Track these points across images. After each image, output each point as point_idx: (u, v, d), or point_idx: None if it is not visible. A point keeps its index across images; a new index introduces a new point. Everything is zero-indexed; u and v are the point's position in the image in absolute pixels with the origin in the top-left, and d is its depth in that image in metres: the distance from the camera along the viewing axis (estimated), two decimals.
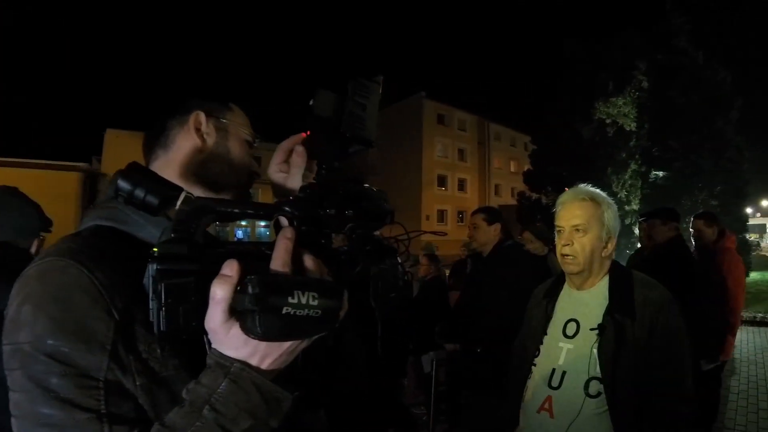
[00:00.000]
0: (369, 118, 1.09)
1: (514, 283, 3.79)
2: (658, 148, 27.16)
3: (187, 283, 0.84)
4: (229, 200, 1.18)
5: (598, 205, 2.52)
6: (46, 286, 0.97)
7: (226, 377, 0.88)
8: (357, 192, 1.12)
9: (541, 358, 2.58)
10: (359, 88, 1.08)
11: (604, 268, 2.56)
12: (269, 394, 0.90)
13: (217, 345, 0.89)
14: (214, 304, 0.85)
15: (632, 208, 26.12)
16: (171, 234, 0.86)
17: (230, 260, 0.86)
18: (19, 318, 0.96)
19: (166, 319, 0.81)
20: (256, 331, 0.82)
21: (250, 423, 0.88)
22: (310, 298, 0.84)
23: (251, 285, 0.81)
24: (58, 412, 0.91)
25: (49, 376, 0.92)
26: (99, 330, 0.96)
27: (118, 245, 1.05)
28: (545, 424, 2.40)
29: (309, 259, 0.95)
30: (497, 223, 4.48)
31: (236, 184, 1.35)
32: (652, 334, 2.31)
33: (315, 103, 1.05)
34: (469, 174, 57.28)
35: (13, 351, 0.96)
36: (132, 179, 0.91)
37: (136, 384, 0.98)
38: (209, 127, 1.32)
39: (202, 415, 0.86)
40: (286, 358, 0.93)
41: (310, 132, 1.12)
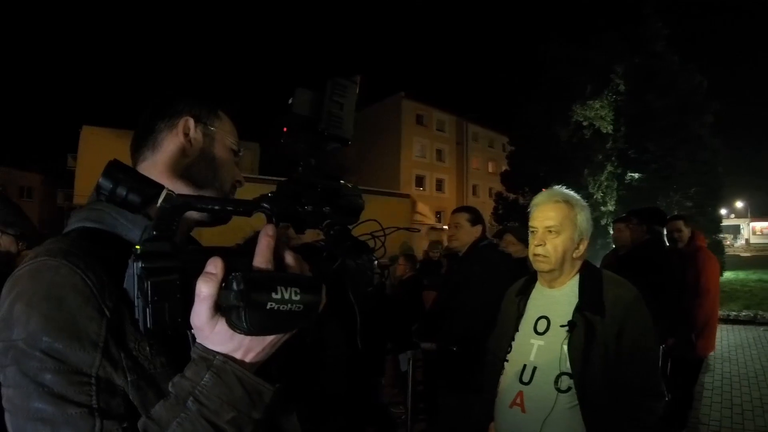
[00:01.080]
0: (346, 116, 1.13)
1: (490, 283, 3.83)
2: (634, 150, 27.41)
3: (172, 280, 0.86)
4: (208, 197, 1.20)
5: (572, 207, 2.57)
6: (39, 284, 0.99)
7: (209, 370, 0.90)
8: (334, 189, 1.15)
9: (513, 354, 2.63)
10: (337, 87, 1.11)
11: (575, 268, 2.62)
12: (251, 387, 0.92)
13: (202, 340, 0.91)
14: (200, 301, 0.87)
15: (608, 209, 26.36)
16: (153, 232, 0.88)
17: (214, 258, 0.89)
18: (12, 316, 0.98)
19: (153, 316, 0.84)
20: (242, 327, 0.84)
21: (233, 415, 0.90)
22: (293, 294, 0.87)
23: (236, 282, 0.84)
24: (51, 407, 0.93)
25: (43, 372, 0.94)
26: (91, 328, 0.97)
27: (106, 246, 1.06)
28: (517, 418, 2.45)
29: (289, 255, 0.98)
30: (480, 225, 4.51)
31: (220, 190, 1.36)
32: (621, 331, 2.37)
33: (294, 102, 1.08)
34: (447, 174, 57.25)
35: (5, 348, 0.97)
36: (113, 177, 0.92)
37: (127, 380, 1.00)
38: (197, 132, 1.33)
39: (186, 407, 0.89)
40: (269, 351, 0.96)
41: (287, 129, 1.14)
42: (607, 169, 27.18)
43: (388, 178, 49.58)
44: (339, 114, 1.11)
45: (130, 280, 0.86)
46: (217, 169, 1.36)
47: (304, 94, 1.09)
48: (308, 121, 1.10)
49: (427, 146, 54.95)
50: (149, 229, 0.89)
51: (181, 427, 0.88)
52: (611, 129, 27.33)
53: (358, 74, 1.13)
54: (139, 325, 0.85)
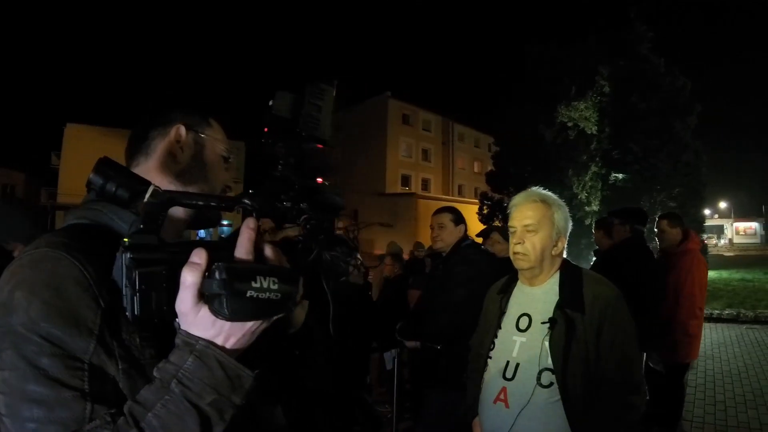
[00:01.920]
0: (323, 118, 1.18)
1: (473, 281, 3.86)
2: (619, 151, 27.59)
3: (158, 271, 0.92)
4: (193, 193, 1.25)
5: (549, 207, 2.64)
6: (40, 273, 1.04)
7: (192, 354, 0.95)
8: (311, 187, 1.20)
9: (495, 351, 2.67)
10: (315, 90, 1.15)
11: (554, 266, 2.68)
12: (232, 371, 0.97)
13: (186, 326, 0.97)
14: (185, 289, 0.93)
15: (592, 209, 26.50)
16: (140, 226, 0.94)
17: (198, 249, 0.95)
18: (12, 302, 1.02)
19: (140, 305, 0.90)
20: (224, 313, 0.90)
21: (214, 397, 0.95)
22: (271, 283, 0.93)
23: (218, 271, 0.90)
24: (46, 389, 0.97)
25: (41, 356, 0.98)
26: (88, 317, 1.03)
27: (100, 242, 1.10)
28: (501, 414, 2.50)
29: (269, 248, 1.04)
30: (463, 224, 4.53)
31: (210, 194, 1.41)
32: (602, 328, 2.43)
33: (274, 104, 1.12)
34: (433, 174, 57.33)
35: (4, 333, 1.01)
36: (104, 173, 0.96)
37: (119, 368, 1.05)
38: (189, 139, 1.39)
39: (170, 389, 0.94)
40: (249, 338, 1.01)
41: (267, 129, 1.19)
42: (592, 170, 27.34)
43: (374, 177, 49.61)
44: (316, 116, 1.16)
45: (119, 271, 0.92)
46: (208, 174, 1.42)
47: (283, 97, 1.13)
48: (287, 122, 1.14)
49: (413, 146, 55.01)
50: (136, 223, 0.95)
51: (165, 408, 0.93)
52: (596, 130, 27.49)
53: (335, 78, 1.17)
54: (127, 312, 0.91)
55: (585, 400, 2.37)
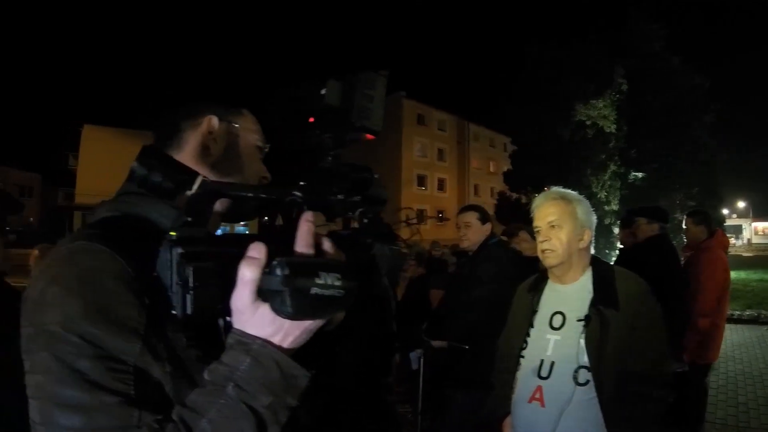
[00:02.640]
0: (376, 109, 1.13)
1: (501, 280, 3.83)
2: (636, 150, 27.45)
3: (211, 266, 0.86)
4: (241, 184, 1.21)
5: (569, 202, 2.65)
6: (76, 268, 0.97)
7: (248, 354, 0.89)
8: (366, 179, 1.15)
9: (528, 350, 2.66)
10: (367, 80, 1.11)
11: (583, 261, 2.67)
12: (288, 371, 0.91)
13: (240, 325, 0.90)
14: (243, 285, 0.87)
15: (611, 209, 26.36)
16: (186, 218, 0.88)
17: (257, 243, 0.88)
18: (45, 299, 0.96)
19: (193, 302, 0.83)
20: (287, 311, 0.84)
21: (271, 399, 0.89)
22: (334, 279, 0.87)
23: (280, 267, 0.83)
24: (85, 394, 0.90)
25: (79, 358, 0.91)
26: (132, 315, 0.96)
27: (139, 235, 1.05)
28: (536, 413, 2.48)
29: (327, 242, 0.97)
30: (489, 222, 4.52)
31: (258, 186, 1.36)
32: (634, 323, 2.42)
33: (326, 93, 1.08)
34: (448, 174, 57.41)
35: (36, 333, 0.95)
36: (147, 163, 0.92)
37: (165, 371, 0.99)
38: (221, 129, 1.33)
39: (225, 392, 0.88)
40: (306, 336, 0.94)
41: (313, 120, 1.15)
42: (611, 169, 27.20)
43: (389, 177, 49.71)
44: (369, 106, 1.12)
45: (165, 266, 0.85)
46: (243, 166, 1.36)
47: (335, 86, 1.09)
48: (337, 112, 1.10)
49: (428, 146, 55.12)
50: (182, 215, 0.88)
51: (220, 413, 0.87)
52: (614, 128, 27.34)
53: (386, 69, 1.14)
54: (177, 311, 0.84)
55: (618, 396, 2.36)
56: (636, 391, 2.37)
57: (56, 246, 1.05)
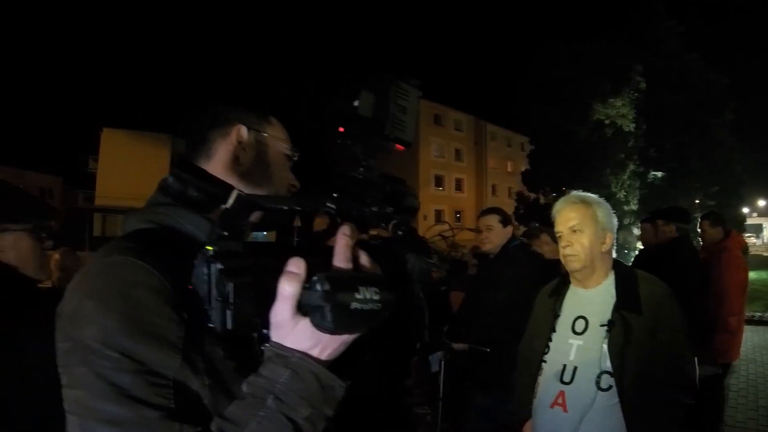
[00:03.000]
0: (408, 120, 1.13)
1: (522, 283, 3.82)
2: (655, 148, 27.25)
3: (249, 281, 0.87)
4: (275, 197, 1.21)
5: (589, 206, 2.64)
6: (114, 283, 0.98)
7: (287, 367, 0.90)
8: (400, 191, 1.16)
9: (551, 354, 2.65)
10: (400, 91, 1.11)
11: (605, 264, 2.65)
12: (326, 382, 0.92)
13: (279, 338, 0.91)
14: (283, 300, 0.87)
15: (631, 209, 26.18)
16: (223, 232, 0.88)
17: (296, 258, 0.89)
18: (82, 314, 0.96)
19: (233, 317, 0.84)
20: (328, 326, 0.84)
21: (310, 411, 0.90)
22: (373, 293, 0.88)
23: (321, 282, 0.84)
24: (126, 409, 0.91)
25: (119, 373, 0.92)
26: (171, 329, 0.97)
27: (173, 248, 1.05)
28: (558, 418, 2.48)
29: (363, 255, 0.98)
30: (510, 225, 4.51)
31: (293, 197, 1.36)
32: (656, 327, 2.43)
33: (360, 104, 1.08)
34: (466, 174, 57.23)
35: (73, 347, 0.96)
36: (182, 177, 0.93)
37: (204, 384, 1.00)
38: (250, 139, 1.33)
39: (265, 405, 0.88)
40: (342, 348, 0.95)
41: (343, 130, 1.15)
42: (629, 168, 27.00)
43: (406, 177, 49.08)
44: (402, 117, 1.12)
45: (201, 280, 0.86)
46: (272, 175, 1.36)
47: (368, 97, 1.09)
48: (369, 123, 1.10)
49: (445, 146, 54.96)
50: (217, 229, 0.89)
51: (261, 425, 0.87)
52: (633, 127, 27.15)
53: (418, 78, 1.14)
54: (216, 326, 0.85)
55: (640, 401, 2.36)
56: (658, 395, 2.37)
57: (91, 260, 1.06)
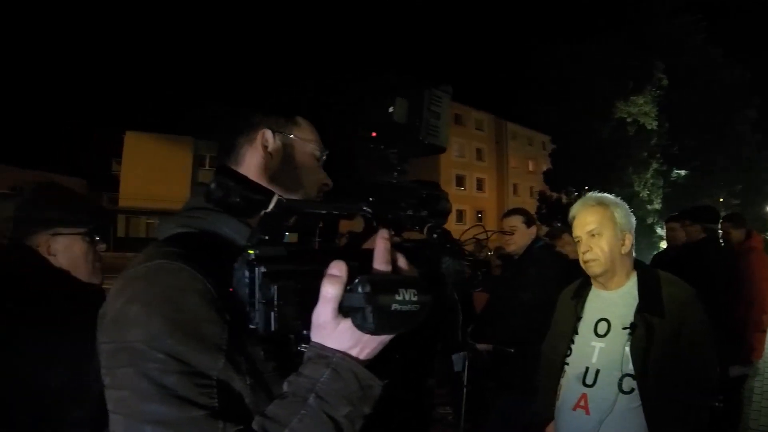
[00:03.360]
0: (442, 125, 1.16)
1: (546, 284, 3.81)
2: (678, 146, 26.96)
3: (292, 284, 0.90)
4: (314, 201, 1.24)
5: (607, 207, 2.62)
6: (157, 286, 1.01)
7: (328, 367, 0.93)
8: (434, 195, 1.18)
9: (573, 357, 2.65)
10: (433, 97, 1.14)
11: (626, 266, 2.64)
12: (365, 382, 0.95)
13: (320, 339, 0.94)
14: (325, 302, 0.91)
15: (654, 208, 25.92)
16: (263, 237, 0.92)
17: (338, 261, 0.92)
18: (127, 317, 0.99)
19: (277, 319, 0.88)
20: (369, 327, 0.88)
21: (349, 409, 0.93)
22: (411, 295, 0.91)
23: (362, 284, 0.88)
24: (173, 409, 0.94)
25: (165, 374, 0.95)
26: (215, 331, 1.00)
27: (212, 252, 1.08)
28: (580, 421, 2.48)
29: (401, 258, 1.01)
30: (534, 226, 4.52)
31: (304, 196, 1.37)
32: (680, 330, 2.42)
33: (395, 111, 1.11)
34: (487, 174, 56.91)
35: (118, 349, 0.99)
36: (224, 184, 0.96)
37: (246, 384, 1.03)
38: (276, 143, 1.34)
39: (307, 403, 0.92)
40: (380, 348, 0.98)
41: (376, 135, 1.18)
42: (652, 167, 26.73)
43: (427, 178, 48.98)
44: (435, 123, 1.14)
45: (242, 283, 0.89)
46: (301, 176, 1.37)
47: (403, 103, 1.12)
48: (405, 129, 1.13)
49: (466, 146, 54.67)
50: (258, 234, 0.92)
51: (302, 423, 0.91)
52: (655, 125, 26.87)
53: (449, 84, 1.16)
54: (260, 328, 0.88)
55: (663, 404, 2.35)
56: (681, 398, 2.36)
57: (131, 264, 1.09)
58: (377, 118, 1.15)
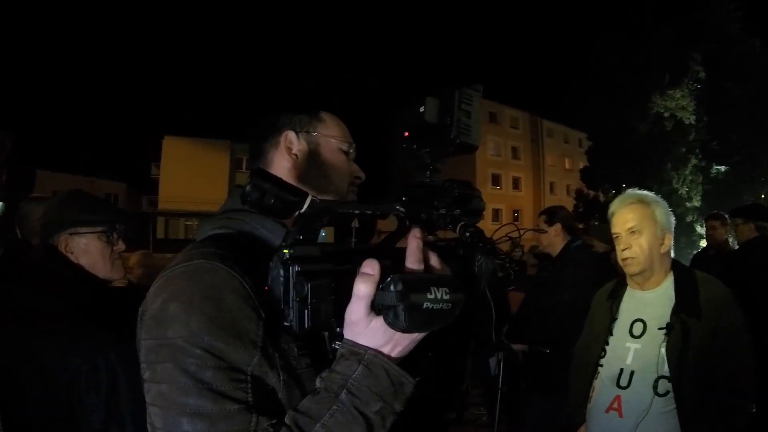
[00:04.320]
0: (474, 124, 1.17)
1: (584, 284, 3.78)
2: (718, 141, 26.41)
3: (326, 282, 0.93)
4: (348, 202, 1.27)
5: (647, 205, 2.59)
6: (197, 285, 1.04)
7: (360, 364, 0.95)
8: (468, 194, 1.19)
9: (607, 358, 2.62)
10: (465, 96, 1.15)
11: (664, 266, 2.61)
12: (396, 379, 0.97)
13: (354, 336, 0.97)
14: (358, 300, 0.93)
15: (693, 205, 25.45)
16: (298, 237, 0.94)
17: (371, 259, 0.95)
18: (167, 314, 1.03)
19: (311, 317, 0.90)
20: (401, 325, 0.90)
21: (380, 405, 0.96)
22: (444, 293, 0.92)
23: (394, 283, 0.90)
24: (209, 402, 0.97)
25: (204, 369, 0.98)
26: (250, 328, 1.03)
27: (249, 252, 1.11)
28: (614, 423, 2.46)
29: (434, 257, 1.03)
30: (557, 223, 4.45)
31: (335, 192, 1.39)
32: (716, 331, 2.37)
33: (426, 110, 1.12)
34: (523, 172, 56.48)
35: (158, 345, 1.03)
36: (260, 186, 0.98)
37: (280, 379, 1.05)
38: (301, 143, 1.36)
39: (339, 399, 0.94)
40: (412, 346, 1.00)
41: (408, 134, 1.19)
42: (691, 163, 26.25)
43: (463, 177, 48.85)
44: (467, 122, 1.15)
45: (277, 282, 0.92)
46: (329, 173, 1.39)
47: (433, 103, 1.13)
48: (434, 129, 1.14)
49: (501, 144, 54.35)
50: (292, 234, 0.95)
51: (334, 417, 0.94)
52: (693, 119, 26.37)
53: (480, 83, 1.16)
54: (294, 325, 0.90)
55: (699, 407, 2.31)
56: (717, 402, 2.33)
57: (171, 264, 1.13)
58: (409, 118, 1.16)
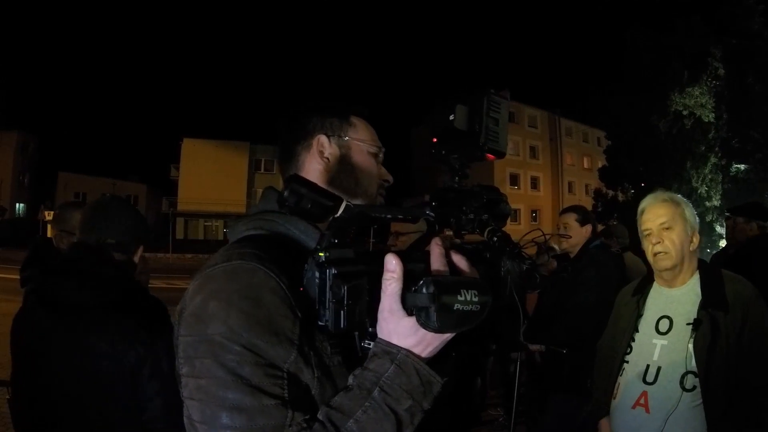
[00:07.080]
0: (501, 131, 1.21)
1: (603, 285, 3.77)
2: (738, 139, 26.05)
3: (361, 284, 0.98)
4: (380, 206, 1.32)
5: (678, 204, 2.62)
6: (236, 284, 1.08)
7: (393, 362, 1.00)
8: (496, 199, 1.24)
9: (633, 354, 2.64)
10: (492, 103, 1.19)
11: (692, 264, 2.63)
12: (426, 378, 1.02)
13: (386, 335, 1.02)
14: (387, 297, 1.00)
15: (713, 204, 25.13)
16: (333, 240, 0.99)
17: (389, 255, 1.00)
18: (207, 312, 1.07)
19: (347, 317, 0.96)
20: (433, 325, 0.95)
21: (410, 403, 1.00)
22: (473, 295, 0.97)
23: (426, 285, 0.94)
24: (248, 397, 1.01)
25: (241, 365, 1.02)
26: (287, 326, 1.07)
27: (284, 252, 1.15)
28: (640, 419, 2.47)
29: (462, 260, 1.08)
30: (589, 224, 4.41)
31: (364, 195, 1.42)
32: (744, 327, 2.39)
33: (455, 118, 1.17)
34: (542, 172, 56.11)
35: (197, 341, 1.07)
36: (297, 191, 1.03)
37: (314, 376, 1.09)
38: (332, 147, 1.40)
39: (372, 396, 0.99)
40: (441, 346, 1.05)
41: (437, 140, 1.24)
42: (711, 161, 25.92)
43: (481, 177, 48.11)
44: (495, 129, 1.19)
45: (312, 283, 0.98)
46: (359, 177, 1.42)
47: (463, 110, 1.17)
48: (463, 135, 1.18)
49: (520, 143, 54.01)
50: (327, 237, 1.00)
51: (366, 414, 0.98)
52: (713, 117, 26.05)
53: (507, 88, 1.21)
54: (330, 325, 0.96)
55: (724, 403, 2.33)
56: (745, 397, 2.34)
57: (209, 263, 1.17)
58: (437, 123, 1.21)
